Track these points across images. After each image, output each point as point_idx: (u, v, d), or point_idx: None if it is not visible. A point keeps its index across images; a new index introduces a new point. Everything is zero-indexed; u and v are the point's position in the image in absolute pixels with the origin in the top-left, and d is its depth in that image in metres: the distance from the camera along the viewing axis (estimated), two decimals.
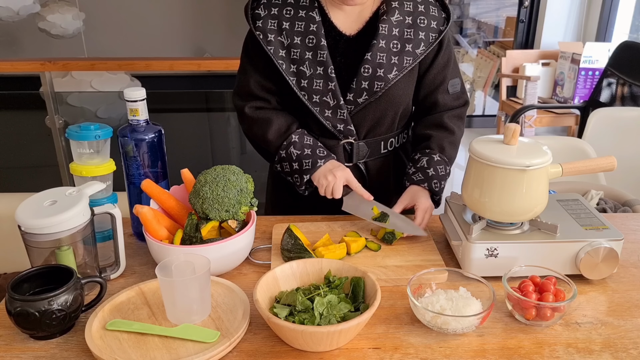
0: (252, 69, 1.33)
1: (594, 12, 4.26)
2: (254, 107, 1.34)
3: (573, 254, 1.06)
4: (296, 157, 1.29)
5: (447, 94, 1.34)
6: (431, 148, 1.31)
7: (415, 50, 1.26)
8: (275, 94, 1.34)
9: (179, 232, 1.09)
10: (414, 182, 1.28)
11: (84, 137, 1.09)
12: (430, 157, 1.29)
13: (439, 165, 1.28)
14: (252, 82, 1.32)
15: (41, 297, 0.88)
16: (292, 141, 1.29)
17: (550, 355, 0.88)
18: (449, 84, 1.33)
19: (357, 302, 0.94)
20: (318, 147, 1.30)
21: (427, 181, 1.27)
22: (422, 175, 1.27)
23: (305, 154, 1.28)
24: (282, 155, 1.31)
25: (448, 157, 1.32)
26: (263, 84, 1.32)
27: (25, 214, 0.95)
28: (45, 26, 3.72)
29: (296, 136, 1.30)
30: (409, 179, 1.29)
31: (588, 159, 1.13)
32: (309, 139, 1.30)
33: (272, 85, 1.32)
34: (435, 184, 1.27)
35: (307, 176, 1.28)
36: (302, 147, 1.29)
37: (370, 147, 1.35)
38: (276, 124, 1.32)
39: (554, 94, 4.09)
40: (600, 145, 2.17)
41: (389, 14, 1.25)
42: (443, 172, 1.29)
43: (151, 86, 1.56)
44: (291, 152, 1.29)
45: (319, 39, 1.24)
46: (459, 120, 1.36)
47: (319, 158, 1.28)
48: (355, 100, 1.27)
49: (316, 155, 1.28)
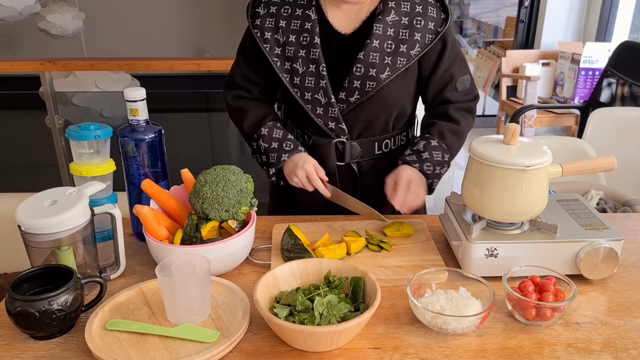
0: (242, 62, 1.37)
1: (594, 12, 4.26)
2: (235, 95, 1.38)
3: (573, 254, 1.06)
4: (264, 150, 1.31)
5: (456, 92, 1.33)
6: (431, 133, 1.31)
7: (410, 51, 1.25)
8: (258, 86, 1.37)
9: (179, 232, 1.09)
10: (406, 162, 1.27)
11: (83, 137, 1.09)
12: (428, 141, 1.28)
13: (434, 150, 1.27)
14: (237, 74, 1.38)
15: (41, 297, 0.88)
16: (261, 134, 1.32)
17: (550, 355, 0.88)
18: (457, 82, 1.32)
19: (357, 302, 0.94)
20: (286, 140, 1.30)
21: (419, 163, 1.25)
22: (416, 157, 1.27)
23: (272, 147, 1.30)
24: (254, 146, 1.34)
25: (447, 145, 1.30)
26: (248, 75, 1.36)
27: (25, 214, 0.95)
28: (45, 26, 3.72)
29: (266, 129, 1.32)
30: (402, 159, 1.28)
31: (588, 159, 1.13)
32: (278, 132, 1.31)
33: (257, 78, 1.36)
34: (428, 167, 1.25)
35: (273, 169, 1.31)
36: (270, 140, 1.30)
37: (364, 148, 1.34)
38: (252, 114, 1.35)
39: (554, 94, 4.09)
40: (600, 145, 2.17)
41: (385, 13, 1.24)
42: (439, 158, 1.27)
43: (151, 86, 1.56)
44: (260, 145, 1.32)
45: (312, 37, 1.25)
46: (466, 113, 1.34)
47: (284, 152, 1.29)
48: (347, 99, 1.27)
49: (282, 149, 1.29)
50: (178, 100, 3.41)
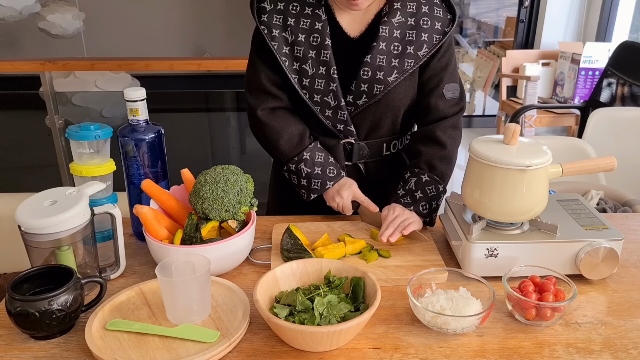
0: (260, 62, 1.29)
1: (594, 12, 4.26)
2: (266, 109, 1.30)
3: (573, 254, 1.06)
4: (306, 174, 1.28)
5: (443, 99, 1.29)
6: (420, 167, 1.27)
7: (418, 52, 1.23)
8: (285, 89, 1.31)
9: (179, 232, 1.09)
10: (401, 204, 1.25)
11: (83, 137, 1.09)
12: (419, 178, 1.26)
13: (427, 186, 1.24)
14: (262, 76, 1.29)
15: (41, 297, 0.88)
16: (303, 158, 1.28)
17: (550, 355, 0.88)
18: (445, 89, 1.28)
19: (357, 302, 0.94)
20: (329, 165, 1.28)
21: (414, 204, 1.23)
22: (410, 198, 1.24)
23: (315, 173, 1.27)
24: (292, 168, 1.30)
25: (439, 175, 1.27)
26: (272, 78, 1.29)
27: (25, 214, 0.95)
28: (45, 26, 3.72)
29: (308, 153, 1.28)
30: (397, 201, 1.26)
31: (588, 159, 1.13)
32: (320, 155, 1.29)
33: (281, 80, 1.29)
34: (423, 207, 1.23)
35: (314, 195, 1.29)
36: (313, 165, 1.28)
37: (371, 149, 1.34)
38: (287, 133, 1.29)
39: (554, 94, 4.09)
40: (600, 145, 2.17)
41: (391, 15, 1.23)
42: (433, 193, 1.24)
43: (151, 86, 1.56)
44: (301, 169, 1.28)
45: (323, 38, 1.23)
46: (453, 131, 1.30)
47: (328, 180, 1.27)
48: (355, 102, 1.26)
49: (326, 175, 1.27)
50: (178, 100, 3.41)
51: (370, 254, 1.13)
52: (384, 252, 1.14)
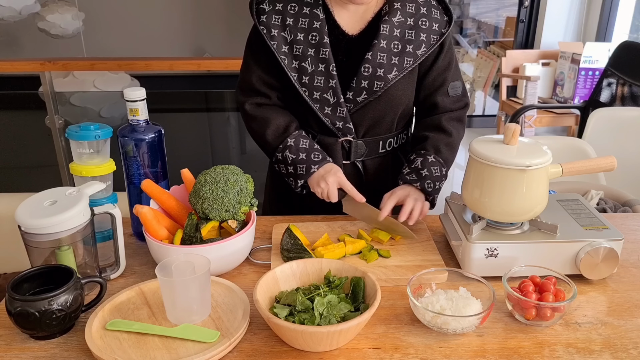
0: (254, 64, 1.33)
1: (594, 12, 4.26)
2: (254, 103, 1.34)
3: (573, 254, 1.06)
4: (291, 161, 1.29)
5: (447, 97, 1.34)
6: (426, 149, 1.31)
7: (416, 51, 1.26)
8: (277, 90, 1.34)
9: (179, 232, 1.09)
10: (406, 182, 1.28)
11: (83, 137, 1.09)
12: (425, 158, 1.29)
13: (433, 167, 1.27)
14: (254, 77, 1.33)
15: (41, 297, 0.88)
16: (287, 145, 1.29)
17: (550, 355, 0.88)
18: (449, 87, 1.33)
19: (357, 302, 0.94)
20: (313, 151, 1.29)
21: (420, 181, 1.26)
22: (416, 175, 1.27)
23: (300, 158, 1.28)
24: (279, 157, 1.31)
25: (444, 159, 1.31)
26: (265, 79, 1.32)
27: (25, 214, 0.95)
28: (45, 26, 3.72)
29: (292, 139, 1.30)
30: (402, 179, 1.29)
31: (588, 159, 1.13)
32: (305, 142, 1.30)
33: (274, 80, 1.32)
34: (429, 184, 1.26)
35: (301, 181, 1.29)
36: (297, 151, 1.29)
37: (369, 146, 1.35)
38: (274, 124, 1.32)
39: (554, 94, 4.09)
40: (600, 145, 2.17)
41: (391, 14, 1.25)
42: (437, 173, 1.27)
43: (151, 86, 1.56)
44: (287, 156, 1.29)
45: (321, 37, 1.25)
46: (458, 123, 1.35)
47: (312, 163, 1.28)
48: (354, 99, 1.27)
49: (310, 160, 1.28)
50: (178, 100, 3.41)
51: (370, 254, 1.13)
52: (384, 252, 1.14)
